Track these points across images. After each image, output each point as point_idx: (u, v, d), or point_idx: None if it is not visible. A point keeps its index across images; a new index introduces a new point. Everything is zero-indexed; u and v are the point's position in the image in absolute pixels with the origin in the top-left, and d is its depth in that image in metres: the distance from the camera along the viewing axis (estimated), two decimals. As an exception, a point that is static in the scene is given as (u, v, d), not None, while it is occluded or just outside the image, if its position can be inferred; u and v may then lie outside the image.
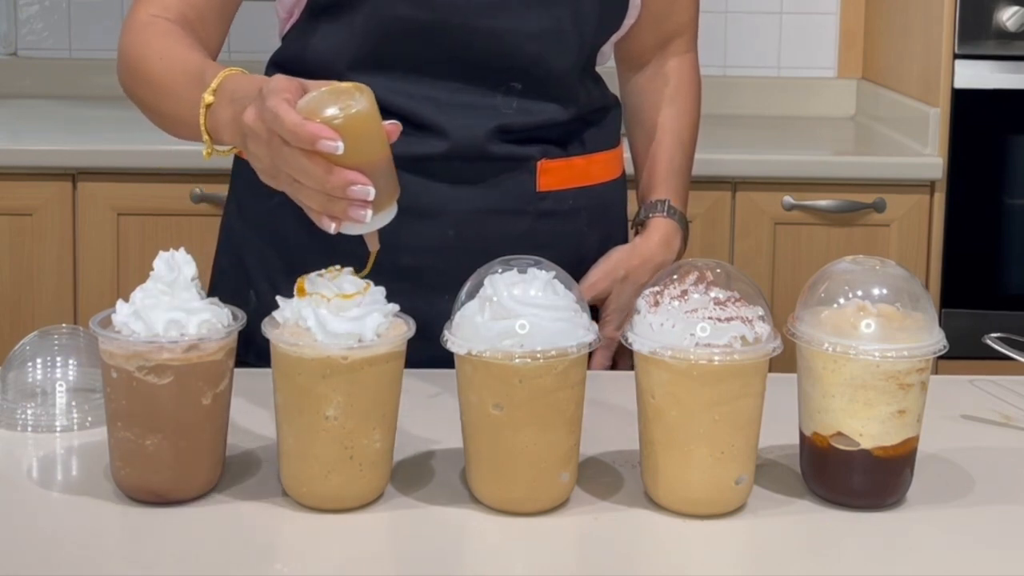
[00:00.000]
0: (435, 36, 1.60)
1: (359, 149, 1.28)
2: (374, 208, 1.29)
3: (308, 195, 1.30)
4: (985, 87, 2.88)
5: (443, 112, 1.62)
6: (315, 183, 1.28)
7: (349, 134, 1.26)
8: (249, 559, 1.18)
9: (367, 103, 1.28)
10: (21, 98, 3.37)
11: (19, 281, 2.83)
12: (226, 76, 1.43)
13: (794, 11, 3.46)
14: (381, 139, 1.30)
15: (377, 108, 1.29)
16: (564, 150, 1.69)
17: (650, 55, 1.83)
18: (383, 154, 1.30)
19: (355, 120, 1.27)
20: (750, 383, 1.24)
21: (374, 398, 1.24)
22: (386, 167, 1.31)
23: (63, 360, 1.47)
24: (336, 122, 1.27)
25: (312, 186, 1.29)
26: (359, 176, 1.28)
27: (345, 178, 1.27)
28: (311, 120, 1.27)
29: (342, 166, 1.27)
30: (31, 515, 1.24)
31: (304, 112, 1.28)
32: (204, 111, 1.43)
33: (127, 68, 1.60)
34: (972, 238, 2.89)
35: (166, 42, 1.57)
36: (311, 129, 1.26)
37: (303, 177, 1.29)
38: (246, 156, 1.38)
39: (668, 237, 1.76)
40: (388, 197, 1.32)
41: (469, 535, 1.23)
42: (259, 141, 1.33)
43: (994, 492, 1.33)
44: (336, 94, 1.29)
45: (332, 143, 1.25)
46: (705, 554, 1.21)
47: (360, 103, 1.28)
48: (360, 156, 1.28)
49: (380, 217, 1.31)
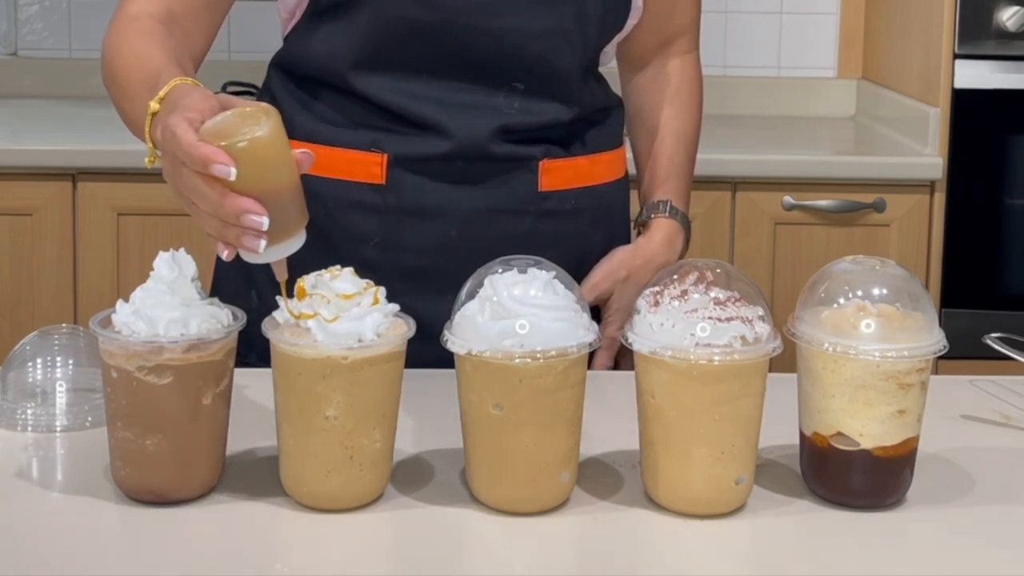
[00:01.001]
0: (438, 36, 1.60)
1: (258, 176, 1.23)
2: (272, 238, 1.25)
3: (203, 219, 1.27)
4: (985, 87, 2.88)
5: (446, 112, 1.62)
6: (209, 207, 1.25)
7: (248, 160, 1.23)
8: (249, 559, 1.18)
9: (270, 129, 1.24)
10: (21, 98, 3.37)
11: (19, 281, 2.83)
12: (175, 86, 1.39)
13: (794, 11, 3.46)
14: (286, 167, 1.25)
15: (284, 135, 1.25)
16: (566, 150, 1.69)
17: (652, 55, 1.83)
18: (286, 183, 1.25)
19: (256, 146, 1.23)
20: (750, 383, 1.24)
21: (374, 398, 1.24)
22: (288, 196, 1.26)
23: (63, 360, 1.47)
24: (238, 146, 1.22)
25: (206, 210, 1.26)
26: (253, 204, 1.23)
27: (238, 205, 1.23)
28: (210, 143, 1.23)
29: (240, 192, 1.23)
30: (31, 515, 1.24)
31: (207, 134, 1.24)
32: (150, 119, 1.40)
33: (103, 65, 1.60)
34: (972, 238, 2.89)
35: (140, 41, 1.55)
36: (204, 152, 1.23)
37: (198, 200, 1.26)
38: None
39: (670, 237, 1.76)
40: (290, 227, 1.27)
41: (469, 535, 1.23)
42: (166, 157, 1.30)
43: (994, 492, 1.33)
44: (242, 118, 1.25)
45: (224, 168, 1.22)
46: (705, 554, 1.21)
47: (263, 128, 1.23)
48: (259, 184, 1.23)
49: (280, 248, 1.27)
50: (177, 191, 1.30)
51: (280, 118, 1.25)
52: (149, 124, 1.40)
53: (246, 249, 1.26)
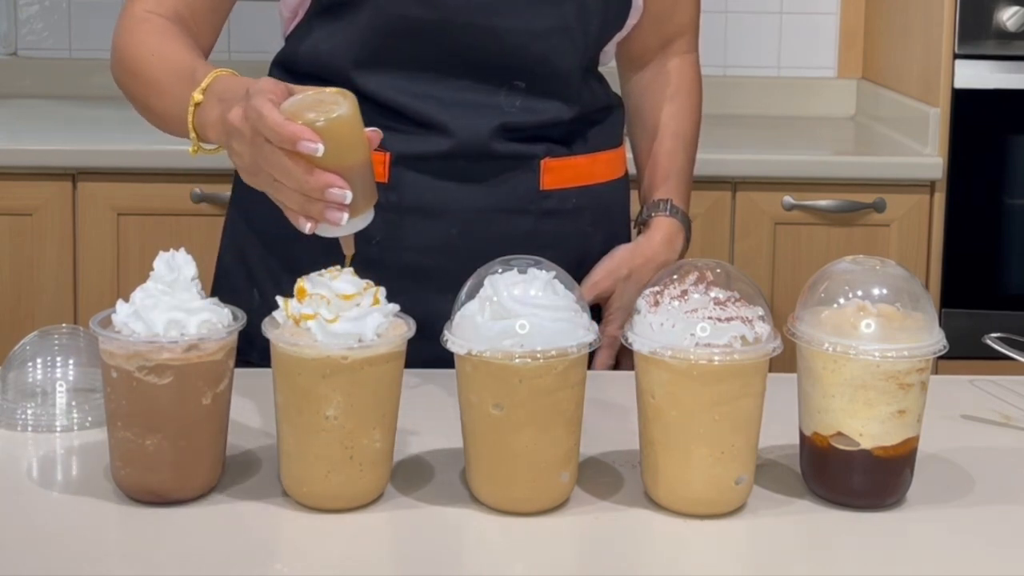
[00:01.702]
0: (439, 35, 1.60)
1: (339, 153, 1.31)
2: (350, 212, 1.32)
3: (287, 195, 1.33)
4: (985, 87, 2.88)
5: (447, 111, 1.62)
6: (294, 183, 1.32)
7: (330, 137, 1.30)
8: (249, 559, 1.18)
9: (349, 108, 1.31)
10: (21, 98, 3.37)
11: (19, 281, 2.83)
12: (216, 76, 1.46)
13: (794, 11, 3.46)
14: (362, 144, 1.33)
15: (359, 114, 1.32)
16: (567, 149, 1.69)
17: (651, 55, 1.83)
18: (362, 159, 1.33)
19: (336, 124, 1.30)
20: (750, 383, 1.23)
21: (374, 398, 1.24)
22: (365, 172, 1.33)
23: (63, 360, 1.47)
24: (318, 125, 1.30)
25: (291, 186, 1.32)
26: (337, 179, 1.31)
27: (324, 180, 1.30)
28: (294, 121, 1.29)
29: (322, 168, 1.30)
30: (31, 515, 1.24)
31: (288, 114, 1.31)
32: (192, 109, 1.46)
33: (120, 64, 1.63)
34: (972, 238, 2.89)
35: (159, 39, 1.59)
36: (293, 129, 1.29)
37: (283, 176, 1.32)
38: (228, 154, 1.40)
39: (671, 236, 1.76)
40: (365, 202, 1.34)
41: (469, 535, 1.23)
42: (243, 139, 1.36)
43: (994, 492, 1.33)
44: (320, 98, 1.33)
45: (312, 144, 1.29)
46: (705, 554, 1.21)
47: (343, 108, 1.31)
48: (340, 160, 1.31)
49: (356, 221, 1.34)
50: (255, 170, 1.36)
51: (356, 99, 1.33)
52: (193, 114, 1.46)
53: (329, 222, 1.33)
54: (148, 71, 1.58)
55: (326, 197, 1.31)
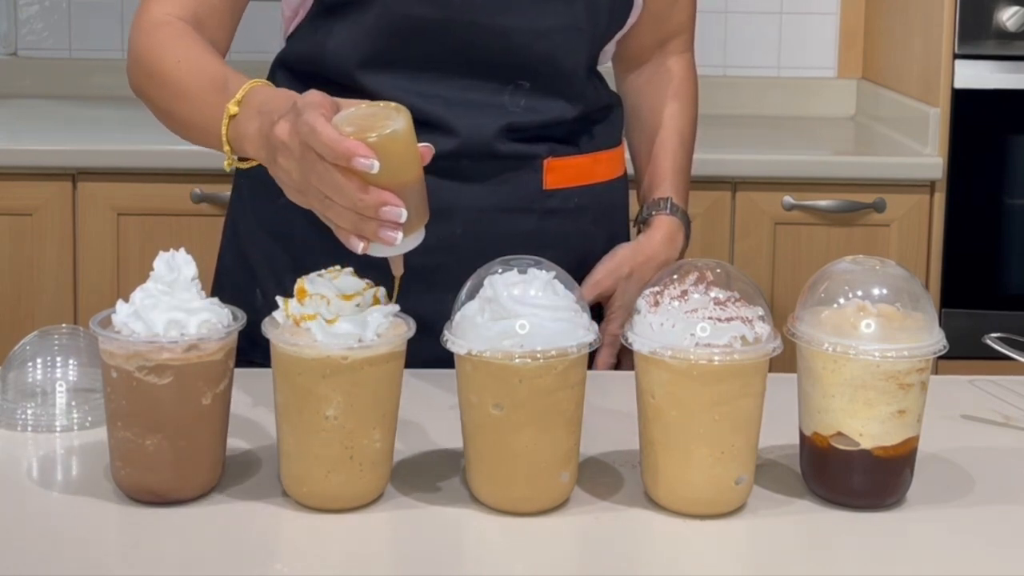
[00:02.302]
0: (445, 33, 1.60)
1: (394, 169, 1.26)
2: (404, 231, 1.28)
3: (338, 213, 1.29)
4: (985, 87, 2.88)
5: (452, 110, 1.62)
6: (347, 201, 1.27)
7: (385, 153, 1.25)
8: (249, 559, 1.18)
9: (404, 123, 1.27)
10: (21, 98, 3.37)
11: (19, 281, 2.83)
12: (252, 87, 1.42)
13: (794, 11, 3.46)
14: (416, 161, 1.28)
15: (413, 129, 1.28)
16: (570, 148, 1.69)
17: (648, 54, 1.84)
18: (416, 176, 1.29)
19: (392, 140, 1.26)
20: (750, 383, 1.23)
21: (374, 398, 1.24)
22: (419, 189, 1.29)
23: (63, 360, 1.46)
24: (372, 140, 1.25)
25: (344, 204, 1.27)
26: (393, 197, 1.26)
27: (379, 198, 1.26)
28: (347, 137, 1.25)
29: (375, 186, 1.26)
30: (31, 515, 1.24)
31: (341, 128, 1.26)
32: (228, 121, 1.42)
33: (141, 68, 1.58)
34: (972, 238, 2.89)
35: (183, 44, 1.55)
36: (348, 145, 1.25)
37: (335, 194, 1.27)
38: (271, 170, 1.36)
39: (672, 234, 1.76)
40: (418, 220, 1.30)
41: (469, 535, 1.23)
42: (291, 156, 1.31)
43: (994, 492, 1.33)
44: (374, 112, 1.28)
45: (368, 161, 1.24)
46: (705, 554, 1.21)
47: (398, 123, 1.26)
48: (394, 177, 1.26)
49: (408, 240, 1.30)
50: (305, 187, 1.31)
51: (410, 114, 1.28)
52: (227, 126, 1.41)
53: (383, 241, 1.28)
54: (174, 78, 1.53)
55: (380, 215, 1.26)
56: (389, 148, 1.25)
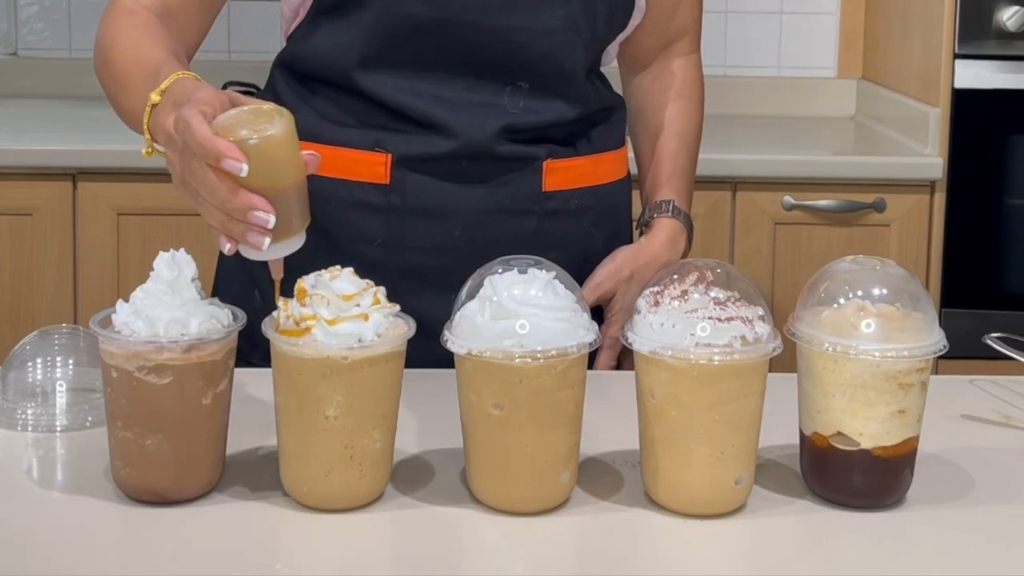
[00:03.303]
0: (443, 34, 1.60)
1: (267, 174, 1.26)
2: (276, 236, 1.28)
3: (209, 211, 1.30)
4: (985, 87, 2.88)
5: (451, 111, 1.62)
6: (217, 201, 1.28)
7: (259, 157, 1.25)
8: (249, 559, 1.18)
9: (283, 128, 1.27)
10: (21, 98, 3.37)
11: (19, 281, 2.83)
12: (177, 79, 1.41)
13: (794, 11, 3.46)
14: (294, 166, 1.28)
15: (295, 135, 1.28)
16: (570, 150, 1.69)
17: (653, 56, 1.83)
18: (293, 182, 1.28)
19: (268, 144, 1.26)
20: (750, 383, 1.24)
21: (374, 398, 1.24)
22: (295, 196, 1.29)
23: (63, 360, 1.47)
24: (249, 143, 1.25)
25: (214, 203, 1.28)
26: (262, 202, 1.26)
27: (247, 201, 1.26)
28: (222, 137, 1.26)
29: (248, 188, 1.26)
30: (31, 515, 1.24)
31: (219, 128, 1.27)
32: (149, 110, 1.41)
33: (97, 55, 1.60)
34: (972, 238, 2.89)
35: (136, 34, 1.56)
36: (219, 146, 1.25)
37: (207, 193, 1.28)
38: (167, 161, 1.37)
39: (674, 237, 1.76)
40: (294, 227, 1.30)
41: (469, 535, 1.23)
42: (174, 148, 1.33)
43: (994, 492, 1.33)
44: (255, 115, 1.28)
45: (236, 163, 1.25)
46: (705, 554, 1.21)
47: (276, 127, 1.26)
48: (267, 181, 1.26)
49: (282, 246, 1.30)
50: (183, 182, 1.32)
51: (293, 119, 1.28)
52: (148, 115, 1.41)
53: (250, 245, 1.28)
54: (119, 66, 1.55)
55: (248, 219, 1.27)
56: (265, 152, 1.26)
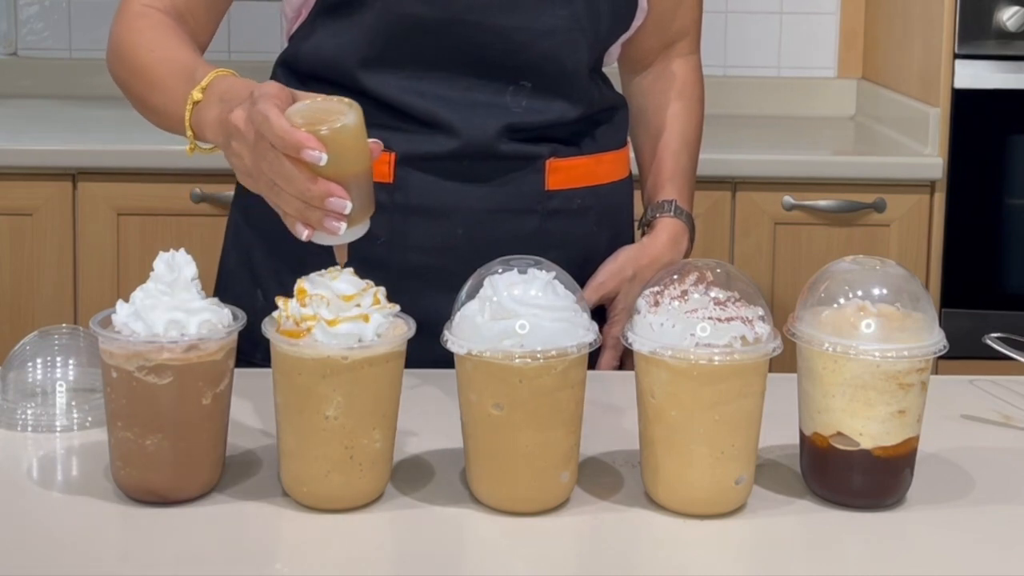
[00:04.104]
0: (447, 33, 1.60)
1: (342, 162, 1.31)
2: (349, 222, 1.33)
3: (286, 200, 1.34)
4: (985, 87, 2.88)
5: (453, 110, 1.62)
6: (295, 190, 1.32)
7: (334, 147, 1.30)
8: (249, 559, 1.18)
9: (355, 118, 1.32)
10: (21, 98, 3.37)
11: (19, 281, 2.83)
12: (216, 76, 1.46)
13: (794, 11, 3.46)
14: (364, 155, 1.34)
15: (364, 124, 1.33)
16: (572, 149, 1.69)
17: (654, 57, 1.83)
18: (364, 169, 1.34)
19: (341, 134, 1.31)
20: (750, 383, 1.24)
21: (374, 398, 1.24)
22: (365, 182, 1.34)
23: (63, 360, 1.47)
24: (322, 133, 1.30)
25: (292, 192, 1.32)
26: (339, 189, 1.31)
27: (326, 189, 1.31)
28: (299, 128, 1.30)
29: (324, 176, 1.31)
30: (31, 515, 1.24)
31: (294, 120, 1.31)
32: (191, 108, 1.46)
33: (117, 59, 1.63)
34: (972, 238, 2.89)
35: (157, 34, 1.60)
36: (298, 137, 1.30)
37: (284, 182, 1.32)
38: (225, 154, 1.41)
39: (676, 237, 1.76)
40: (363, 213, 1.35)
41: (469, 535, 1.23)
42: (244, 142, 1.36)
43: (994, 492, 1.33)
44: (326, 106, 1.34)
45: (316, 153, 1.29)
46: (705, 554, 1.21)
47: (348, 118, 1.32)
48: (341, 169, 1.31)
49: (353, 231, 1.35)
50: (256, 173, 1.36)
51: (361, 110, 1.33)
52: (191, 112, 1.46)
53: (327, 231, 1.33)
54: (147, 67, 1.58)
55: (326, 206, 1.31)
56: (338, 141, 1.31)
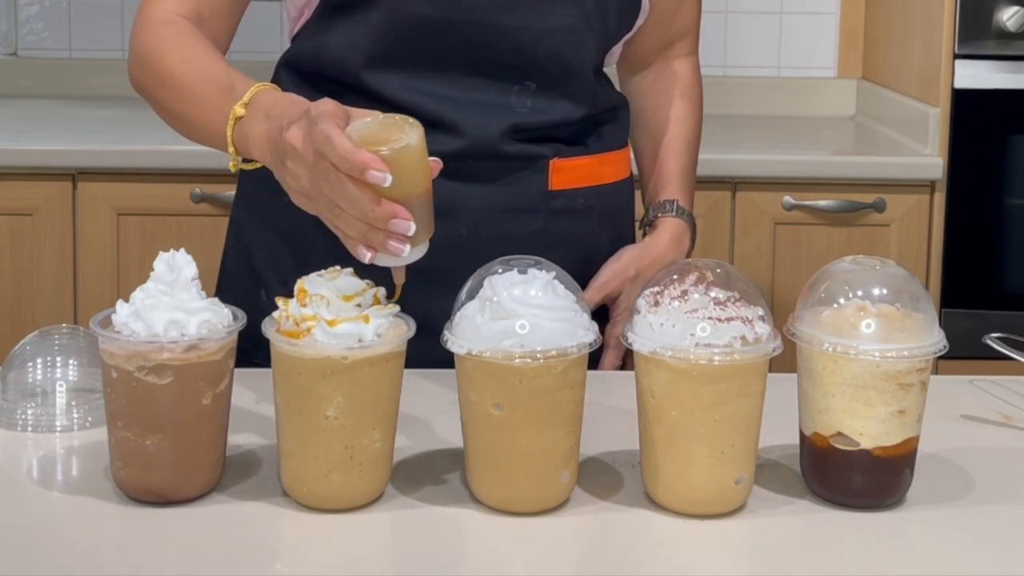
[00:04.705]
0: (451, 33, 1.60)
1: (404, 183, 1.28)
2: (411, 243, 1.31)
3: (348, 222, 1.31)
4: (985, 87, 2.88)
5: (458, 110, 1.62)
6: (358, 212, 1.29)
7: (397, 167, 1.27)
8: (249, 559, 1.18)
9: (417, 138, 1.29)
10: (21, 98, 3.37)
11: (19, 281, 2.83)
12: (259, 91, 1.44)
13: (794, 11, 3.46)
14: (426, 174, 1.31)
15: (425, 143, 1.30)
16: (576, 149, 1.69)
17: (653, 57, 1.83)
18: (426, 189, 1.31)
19: (404, 154, 1.28)
20: (750, 383, 1.24)
21: (374, 398, 1.24)
22: (427, 203, 1.31)
23: (63, 360, 1.47)
24: (385, 154, 1.27)
25: (354, 214, 1.30)
26: (403, 210, 1.29)
27: (390, 211, 1.28)
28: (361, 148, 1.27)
29: (386, 198, 1.28)
30: (31, 515, 1.24)
31: (355, 140, 1.28)
32: (233, 123, 1.43)
33: (144, 66, 1.59)
34: (972, 238, 2.89)
35: (187, 44, 1.56)
36: (363, 158, 1.27)
37: (347, 204, 1.30)
38: (278, 173, 1.38)
39: (678, 236, 1.76)
40: (424, 233, 1.32)
41: (469, 535, 1.23)
42: (302, 162, 1.33)
43: (994, 492, 1.33)
44: (388, 125, 1.31)
45: (381, 174, 1.26)
46: (705, 554, 1.21)
47: (411, 137, 1.29)
48: (404, 190, 1.29)
49: (414, 252, 1.32)
50: (315, 194, 1.33)
51: (423, 129, 1.30)
52: (233, 127, 1.43)
53: (390, 253, 1.31)
54: (179, 77, 1.54)
55: (389, 228, 1.29)
56: (401, 162, 1.28)
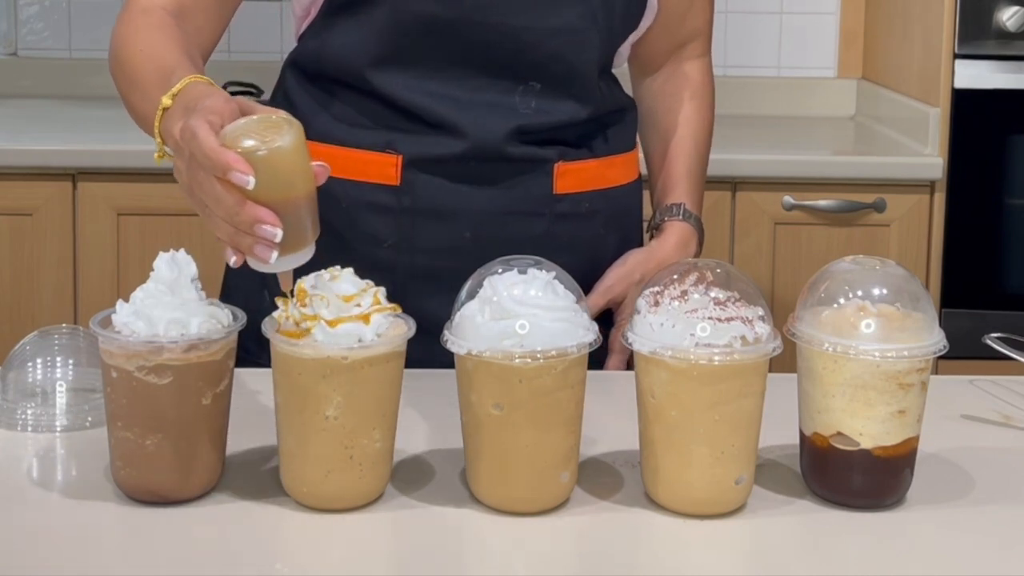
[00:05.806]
0: (456, 33, 1.60)
1: (276, 186, 1.23)
2: (284, 249, 1.25)
3: (216, 223, 1.27)
4: (985, 87, 2.88)
5: (462, 111, 1.61)
6: (223, 213, 1.25)
7: (267, 169, 1.23)
8: (249, 559, 1.18)
9: (292, 139, 1.24)
10: (21, 98, 3.37)
11: (19, 281, 2.83)
12: (189, 83, 1.39)
13: (794, 11, 3.46)
14: (304, 178, 1.25)
15: (305, 146, 1.25)
16: (581, 152, 1.68)
17: (664, 58, 1.83)
18: (302, 193, 1.25)
19: (276, 155, 1.23)
20: (750, 383, 1.24)
21: (374, 398, 1.24)
22: (304, 208, 1.26)
23: (63, 360, 1.47)
24: (257, 154, 1.23)
25: (221, 215, 1.25)
26: (269, 215, 1.23)
27: (254, 214, 1.23)
28: (230, 148, 1.23)
29: (256, 200, 1.23)
30: (31, 515, 1.24)
31: (227, 139, 1.24)
32: (160, 114, 1.40)
33: (112, 56, 1.59)
34: (972, 238, 2.89)
35: (152, 36, 1.54)
36: (225, 158, 1.23)
37: (213, 204, 1.26)
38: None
39: (684, 240, 1.76)
40: (302, 239, 1.27)
41: (469, 535, 1.23)
42: (181, 157, 1.30)
43: (994, 492, 1.33)
44: (264, 125, 1.25)
45: (244, 176, 1.22)
46: (705, 554, 1.21)
47: (285, 139, 1.24)
48: (276, 193, 1.24)
49: (290, 258, 1.27)
50: (190, 192, 1.30)
51: (302, 129, 1.25)
52: (159, 119, 1.39)
53: (257, 259, 1.26)
54: (133, 67, 1.53)
55: (255, 232, 1.24)
56: (273, 164, 1.23)
